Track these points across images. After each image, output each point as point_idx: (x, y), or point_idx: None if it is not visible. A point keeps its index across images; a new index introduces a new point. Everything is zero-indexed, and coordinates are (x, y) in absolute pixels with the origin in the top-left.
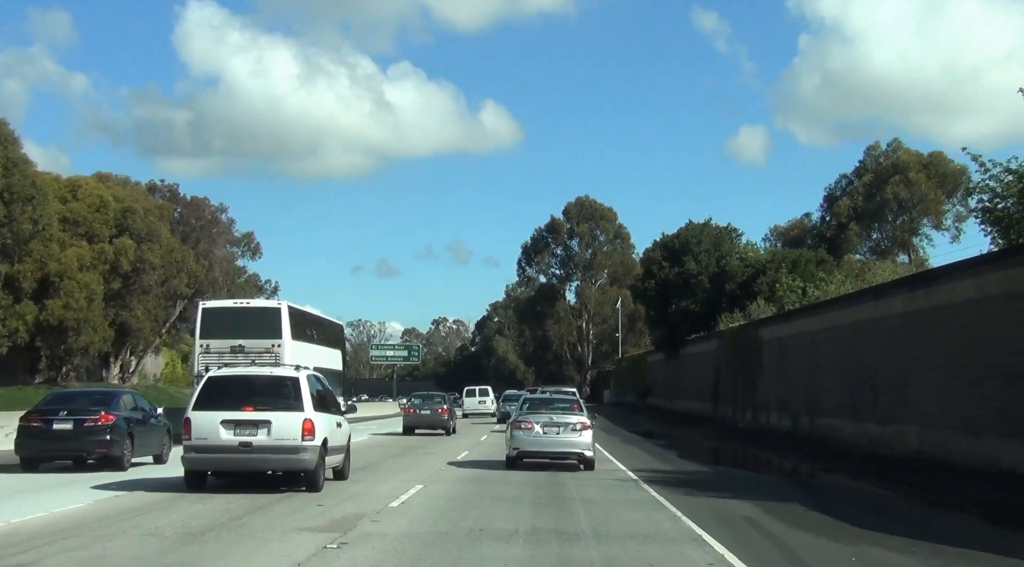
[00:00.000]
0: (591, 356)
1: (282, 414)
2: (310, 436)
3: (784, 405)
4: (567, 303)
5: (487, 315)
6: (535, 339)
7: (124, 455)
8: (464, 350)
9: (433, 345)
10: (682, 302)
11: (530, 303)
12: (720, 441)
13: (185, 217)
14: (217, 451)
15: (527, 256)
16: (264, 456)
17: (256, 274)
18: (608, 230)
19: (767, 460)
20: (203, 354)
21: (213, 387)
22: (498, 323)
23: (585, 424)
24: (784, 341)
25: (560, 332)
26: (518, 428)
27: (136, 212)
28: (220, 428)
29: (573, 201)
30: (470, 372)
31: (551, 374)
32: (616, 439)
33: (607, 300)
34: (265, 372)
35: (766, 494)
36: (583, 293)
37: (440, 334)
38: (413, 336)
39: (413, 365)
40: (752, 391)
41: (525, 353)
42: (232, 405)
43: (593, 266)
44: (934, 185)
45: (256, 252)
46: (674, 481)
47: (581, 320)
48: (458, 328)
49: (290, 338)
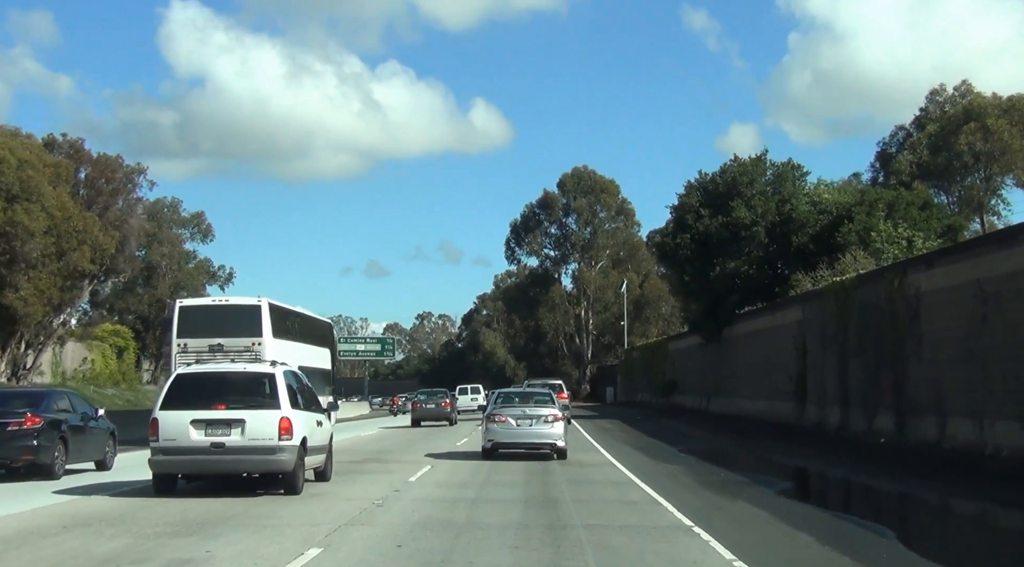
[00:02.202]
0: (591, 349)
1: (257, 413)
2: (287, 435)
3: (974, 405)
4: (563, 289)
5: (474, 308)
6: (527, 330)
7: (55, 462)
8: (449, 346)
9: (417, 341)
10: (729, 263)
11: (521, 289)
12: (915, 481)
13: (91, 178)
14: (187, 453)
15: (517, 236)
16: (238, 457)
17: (208, 259)
18: (610, 205)
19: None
20: (180, 354)
21: (182, 385)
22: (486, 316)
23: (556, 416)
24: (974, 291)
25: (555, 321)
26: (492, 421)
27: (5, 162)
28: (190, 428)
29: (569, 172)
30: (456, 369)
31: (545, 370)
32: (691, 484)
33: (609, 285)
34: (238, 368)
35: None
36: (581, 277)
37: (425, 330)
38: (396, 332)
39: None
40: (890, 382)
41: (515, 347)
42: (203, 404)
43: (593, 246)
44: (1019, 134)
45: (207, 235)
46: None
47: (579, 308)
48: (444, 323)
49: (271, 336)
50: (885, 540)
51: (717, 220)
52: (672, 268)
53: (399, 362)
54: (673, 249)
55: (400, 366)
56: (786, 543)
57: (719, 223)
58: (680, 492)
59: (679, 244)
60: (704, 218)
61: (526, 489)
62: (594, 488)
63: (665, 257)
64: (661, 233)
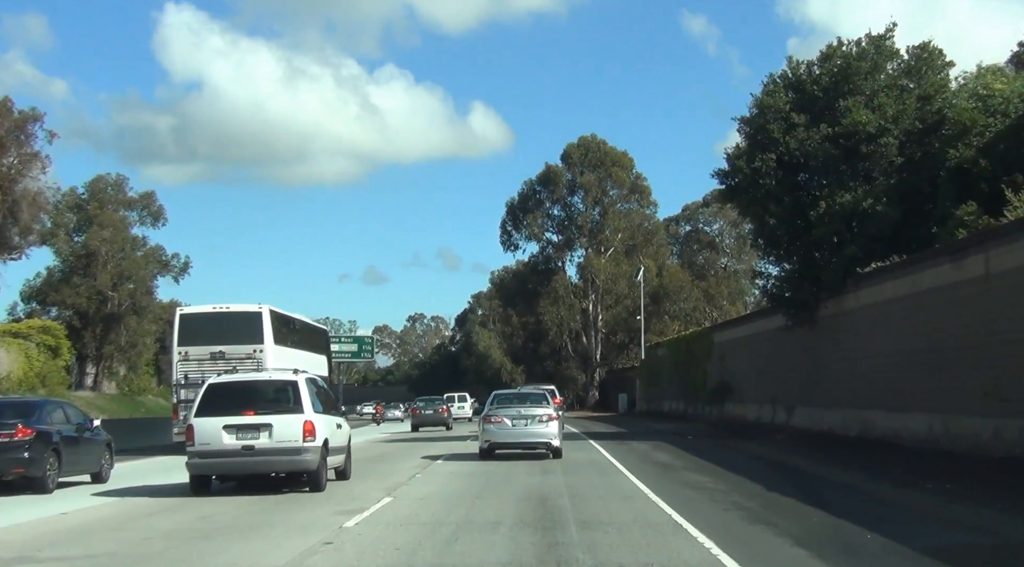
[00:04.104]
0: (599, 349)
1: (283, 417)
2: (311, 437)
3: None
4: (567, 279)
5: (469, 307)
6: (525, 328)
7: (47, 475)
8: (441, 349)
9: (408, 345)
10: (841, 196)
11: (519, 280)
12: None
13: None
14: (221, 456)
15: (514, 218)
16: (267, 458)
17: (160, 246)
18: (623, 181)
19: None
20: (181, 362)
21: (214, 393)
22: (482, 316)
23: (551, 416)
24: None
25: (559, 316)
26: (488, 422)
27: None
28: (223, 433)
29: (575, 142)
30: (447, 375)
31: (547, 374)
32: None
33: (621, 274)
34: (264, 377)
35: None
36: (589, 265)
37: (416, 332)
38: (385, 334)
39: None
40: None
41: (513, 347)
42: (233, 410)
43: (603, 229)
44: None
45: (158, 218)
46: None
47: (587, 301)
48: (437, 325)
49: (272, 343)
50: None
51: (819, 131)
52: (747, 208)
53: (388, 368)
54: (748, 179)
55: (390, 372)
56: None
57: (823, 135)
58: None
59: (758, 171)
60: (799, 129)
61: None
62: None
63: (735, 192)
64: (730, 156)
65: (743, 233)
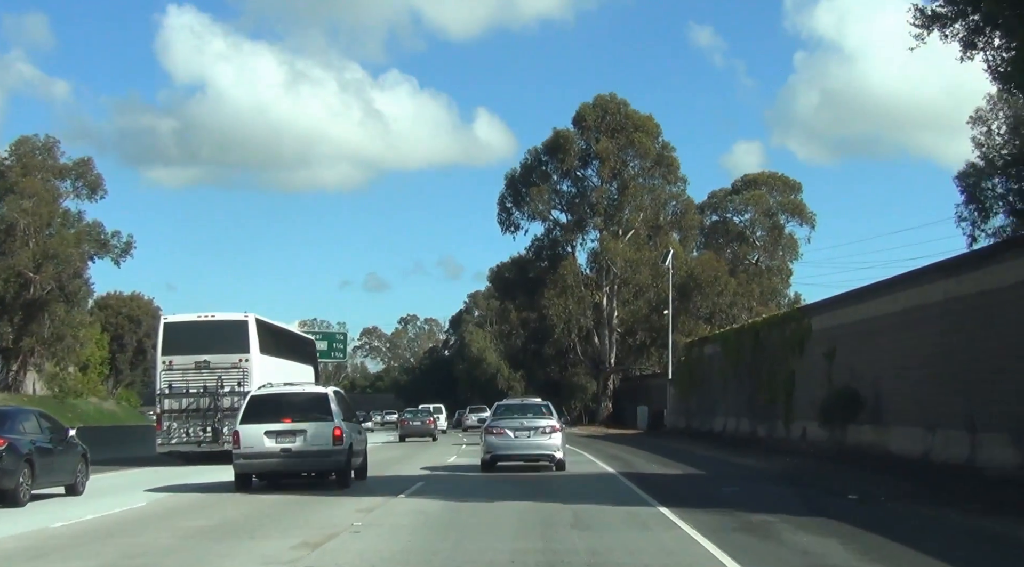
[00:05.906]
0: (614, 351)
1: (315, 424)
2: (339, 441)
3: None
4: (577, 266)
5: (464, 308)
6: (526, 327)
7: (19, 488)
8: (434, 353)
9: (399, 349)
10: None
11: (519, 267)
12: None
13: None
14: (262, 457)
15: (515, 193)
16: (302, 460)
17: (98, 222)
18: (646, 150)
19: None
20: (166, 371)
21: (256, 404)
22: (479, 318)
23: (554, 427)
24: None
25: (566, 311)
26: (491, 433)
27: None
28: (264, 438)
29: (590, 103)
30: (439, 382)
31: (551, 382)
32: None
33: (643, 261)
34: (298, 389)
35: None
36: (604, 250)
37: (408, 335)
38: (375, 337)
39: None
40: None
41: (511, 349)
42: (273, 418)
43: (621, 208)
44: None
45: (96, 189)
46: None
47: (600, 293)
48: (431, 328)
49: (258, 352)
50: None
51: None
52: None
53: (378, 373)
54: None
55: (380, 377)
56: None
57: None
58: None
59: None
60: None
61: None
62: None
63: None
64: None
65: (777, 224)
